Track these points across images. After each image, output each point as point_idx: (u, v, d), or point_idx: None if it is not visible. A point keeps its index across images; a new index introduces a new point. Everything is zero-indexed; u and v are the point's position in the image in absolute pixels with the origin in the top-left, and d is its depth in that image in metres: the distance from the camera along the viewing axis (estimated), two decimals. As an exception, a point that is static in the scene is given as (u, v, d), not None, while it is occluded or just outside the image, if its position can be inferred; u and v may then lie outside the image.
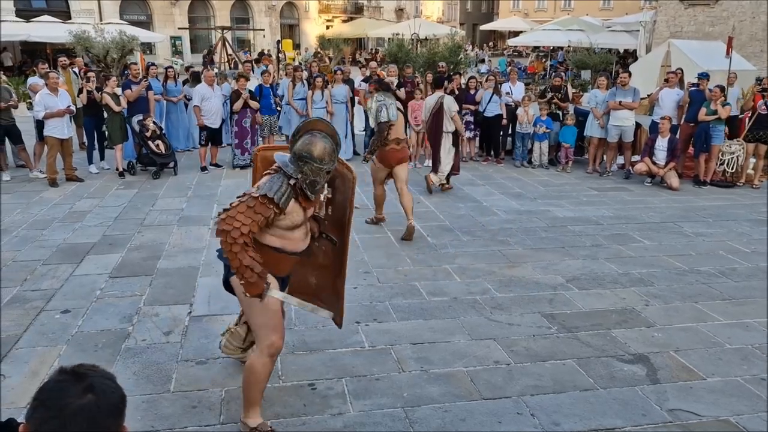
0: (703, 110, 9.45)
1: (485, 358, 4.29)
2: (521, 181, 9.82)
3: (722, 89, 9.68)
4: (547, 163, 10.91)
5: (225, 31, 24.95)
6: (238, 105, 9.97)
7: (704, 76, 10.09)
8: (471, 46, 41.59)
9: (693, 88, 10.20)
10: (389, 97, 7.02)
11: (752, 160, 9.82)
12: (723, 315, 5.03)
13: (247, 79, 10.89)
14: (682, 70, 11.43)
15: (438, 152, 8.91)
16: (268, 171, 3.40)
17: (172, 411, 3.62)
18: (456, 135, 8.90)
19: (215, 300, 5.12)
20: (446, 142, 8.82)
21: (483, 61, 33.30)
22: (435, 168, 9.03)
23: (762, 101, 9.66)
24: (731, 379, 4.06)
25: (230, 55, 24.88)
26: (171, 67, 12.42)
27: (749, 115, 9.91)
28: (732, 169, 9.76)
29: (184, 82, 12.39)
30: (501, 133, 11.50)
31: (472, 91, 11.20)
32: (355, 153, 11.38)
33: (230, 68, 21.55)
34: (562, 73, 12.89)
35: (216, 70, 15.52)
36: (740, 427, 3.54)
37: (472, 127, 11.28)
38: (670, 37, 22.09)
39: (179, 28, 31.25)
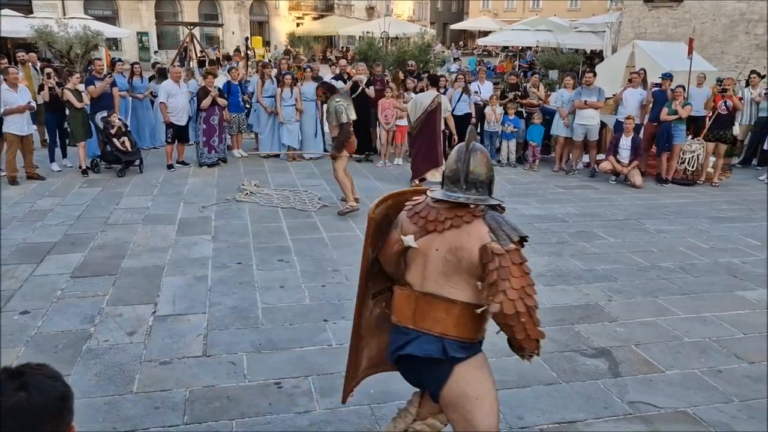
0: (665, 110, 9.66)
1: (451, 354, 4.31)
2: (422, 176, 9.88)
3: (684, 89, 9.91)
4: (515, 162, 11.03)
5: (193, 27, 24.66)
6: (206, 102, 9.85)
7: (667, 77, 10.32)
8: (443, 45, 41.80)
9: (656, 89, 10.42)
10: (345, 98, 7.74)
11: (712, 159, 10.07)
12: (682, 309, 5.16)
13: (215, 76, 10.78)
14: (645, 70, 11.66)
15: (436, 150, 9.11)
16: (458, 213, 2.52)
17: (135, 412, 3.57)
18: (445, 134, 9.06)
19: (180, 300, 5.07)
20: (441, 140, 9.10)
21: (458, 59, 33.53)
22: (426, 167, 9.07)
23: (722, 101, 9.92)
24: (689, 371, 4.17)
25: (202, 52, 24.59)
26: (137, 63, 12.21)
27: (710, 115, 10.16)
28: (693, 167, 10.00)
29: (150, 79, 12.20)
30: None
31: (442, 90, 11.24)
32: (326, 150, 11.33)
33: (199, 65, 21.31)
34: (524, 73, 13.02)
35: (193, 66, 15.34)
36: (697, 418, 3.64)
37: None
38: (635, 38, 22.51)
39: (157, 23, 30.75)
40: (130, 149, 9.47)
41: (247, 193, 8.41)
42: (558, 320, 4.89)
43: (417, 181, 9.08)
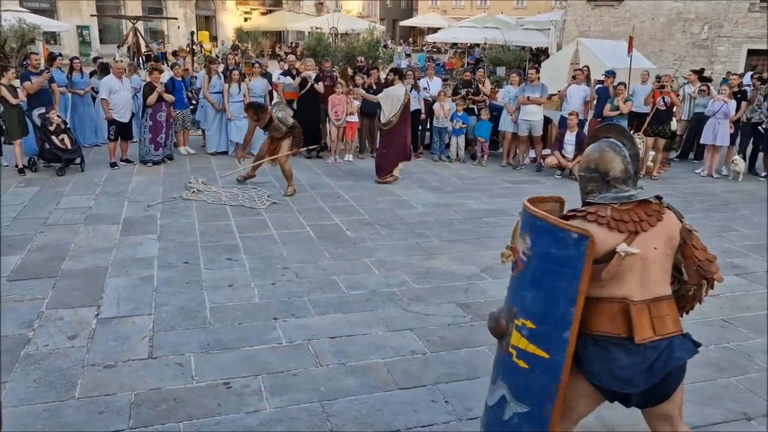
0: (608, 106, 9.95)
1: (402, 348, 4.35)
2: (439, 175, 10.01)
3: (625, 86, 10.23)
4: (464, 157, 11.17)
5: (136, 21, 23.98)
6: (152, 98, 9.59)
7: (610, 74, 10.63)
8: (391, 41, 41.90)
9: (599, 86, 10.72)
10: (283, 107, 8.93)
11: (651, 153, 10.43)
12: (624, 299, 5.33)
13: (161, 72, 10.52)
14: (588, 67, 11.99)
15: (407, 144, 9.46)
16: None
17: (77, 418, 3.46)
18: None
19: (125, 301, 4.93)
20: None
21: (409, 55, 33.68)
22: (399, 157, 9.34)
23: (660, 98, 10.28)
24: (631, 358, 4.31)
25: (148, 46, 23.94)
26: (77, 58, 11.78)
27: (650, 110, 10.51)
28: (634, 161, 10.31)
29: (92, 74, 11.81)
30: (420, 127, 11.68)
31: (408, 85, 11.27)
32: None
33: (143, 60, 20.75)
34: (471, 69, 13.19)
35: (136, 61, 14.90)
36: (638, 403, 3.77)
37: (391, 121, 11.36)
38: (579, 36, 23.11)
39: (92, 15, 29.69)
40: (70, 147, 9.15)
41: (194, 191, 8.25)
42: (506, 312, 4.98)
43: (394, 175, 9.33)
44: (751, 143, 10.88)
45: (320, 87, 10.68)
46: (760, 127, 10.55)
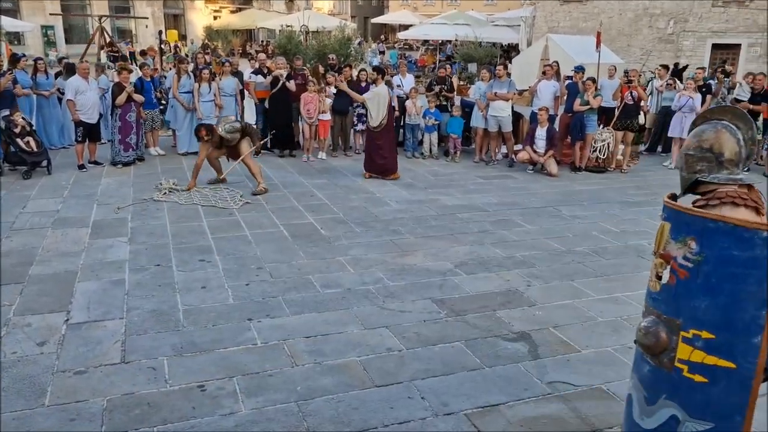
0: (578, 101, 10.07)
1: (378, 346, 4.36)
2: (412, 172, 10.03)
3: (594, 81, 10.36)
4: (437, 154, 11.21)
5: (103, 19, 23.50)
6: (121, 99, 9.43)
7: (579, 69, 10.76)
8: (365, 39, 41.86)
9: (569, 81, 10.85)
10: (224, 120, 8.80)
11: (621, 147, 10.60)
12: (596, 291, 5.41)
13: (130, 72, 10.34)
14: (558, 63, 12.12)
15: (394, 143, 9.61)
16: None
17: (48, 426, 3.39)
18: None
19: (95, 305, 4.85)
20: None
21: (383, 52, 33.68)
22: (392, 166, 9.47)
23: (628, 92, 10.44)
24: (603, 349, 4.39)
25: (114, 46, 23.48)
26: (41, 59, 11.53)
27: (618, 105, 10.68)
28: (603, 155, 10.49)
29: (57, 75, 11.57)
30: (393, 124, 11.69)
31: (363, 84, 11.26)
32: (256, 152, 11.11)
33: (110, 60, 20.34)
34: (447, 65, 13.24)
35: (103, 62, 14.63)
36: (611, 393, 3.84)
37: (365, 119, 11.35)
38: (548, 32, 23.32)
39: (51, 14, 29.02)
40: (35, 149, 8.95)
41: (165, 192, 8.14)
42: (480, 307, 5.02)
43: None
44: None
45: (291, 85, 10.62)
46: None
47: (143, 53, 17.46)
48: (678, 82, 12.58)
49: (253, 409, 3.59)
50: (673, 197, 2.56)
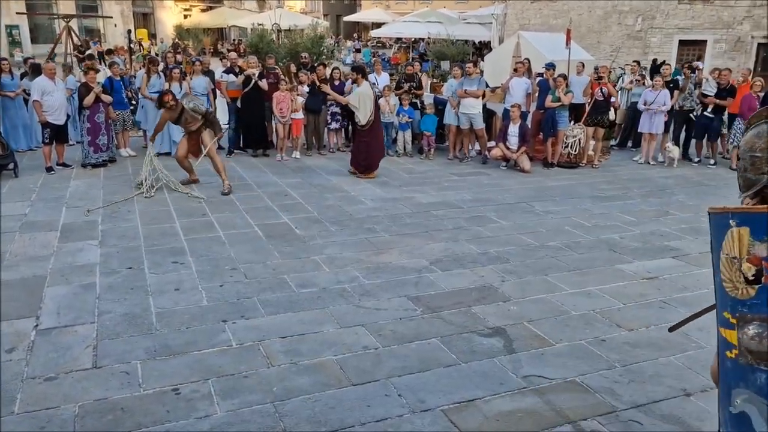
0: (549, 97, 10.18)
1: (354, 344, 4.35)
2: (387, 170, 10.02)
3: (565, 78, 10.48)
4: (411, 152, 11.23)
5: (70, 19, 23.04)
6: (89, 99, 9.26)
7: (550, 66, 10.87)
8: (339, 37, 41.78)
9: (540, 78, 10.95)
10: (192, 98, 8.72)
11: (592, 143, 10.74)
12: (569, 285, 5.48)
13: (97, 71, 10.17)
14: (529, 60, 12.22)
15: (382, 141, 9.58)
16: None
17: (18, 434, 3.32)
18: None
19: (65, 310, 4.76)
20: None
21: (359, 50, 33.66)
22: (379, 158, 9.54)
23: (598, 89, 10.58)
24: (576, 342, 4.45)
25: (79, 45, 23.01)
26: (5, 59, 11.26)
27: (589, 101, 10.81)
28: (575, 151, 10.62)
29: (23, 75, 11.32)
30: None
31: (337, 83, 11.24)
32: (220, 147, 11.01)
33: (78, 60, 19.95)
34: (414, 63, 13.26)
35: (70, 62, 14.33)
36: (585, 386, 3.89)
37: (339, 118, 11.34)
38: (519, 29, 23.53)
39: (18, 13, 28.34)
40: (1, 152, 8.75)
41: (150, 185, 8.23)
42: (456, 303, 5.05)
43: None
44: (684, 130, 11.34)
45: (264, 84, 10.55)
46: (691, 114, 11.02)
47: (110, 52, 17.12)
48: (647, 78, 12.78)
49: (228, 411, 3.56)
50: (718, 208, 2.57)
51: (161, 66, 11.37)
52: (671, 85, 11.09)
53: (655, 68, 14.63)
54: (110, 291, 5.14)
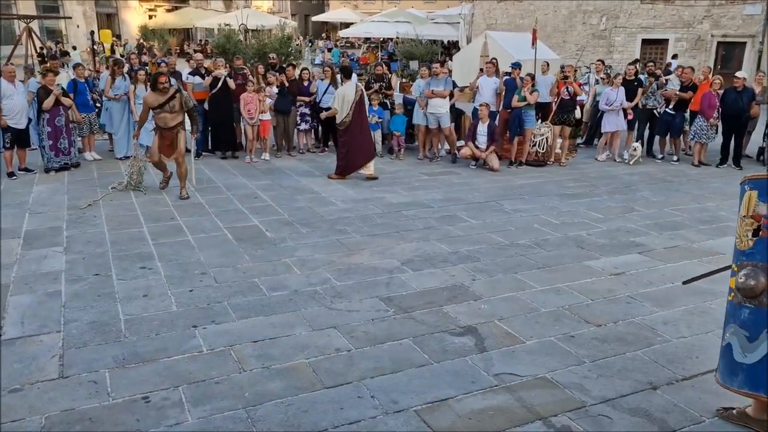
0: (516, 97, 10.30)
1: (326, 347, 4.35)
2: (357, 171, 10.01)
3: (532, 77, 10.61)
4: (381, 152, 11.25)
5: (30, 20, 22.47)
6: (48, 102, 9.06)
7: (516, 66, 11.00)
8: (303, 37, 41.60)
9: (507, 77, 11.07)
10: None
11: (559, 141, 10.90)
12: (538, 282, 5.56)
13: (56, 74, 9.94)
14: (496, 59, 12.34)
15: (369, 142, 9.44)
16: None
17: (-18, 448, 3.24)
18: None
19: (30, 319, 4.66)
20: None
21: (330, 49, 33.60)
22: (367, 156, 9.34)
23: (564, 88, 10.73)
24: (546, 339, 4.51)
25: (41, 48, 22.45)
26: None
27: (555, 100, 10.96)
28: (543, 149, 10.76)
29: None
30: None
31: (306, 83, 11.20)
32: (187, 150, 10.86)
33: (39, 61, 19.47)
34: (382, 63, 13.29)
35: (32, 64, 13.96)
36: (555, 382, 3.95)
37: (308, 119, 11.30)
38: (487, 29, 23.75)
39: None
40: (-40, 158, 8.51)
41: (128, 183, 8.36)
42: (427, 303, 5.08)
43: (369, 174, 9.34)
44: (648, 128, 11.58)
45: (231, 83, 10.46)
46: (655, 111, 11.26)
47: (64, 54, 16.66)
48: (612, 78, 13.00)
49: (200, 418, 3.52)
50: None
51: (126, 68, 11.18)
52: (636, 84, 11.31)
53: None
54: (76, 299, 5.04)
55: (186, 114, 8.24)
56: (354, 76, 9.68)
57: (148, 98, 7.94)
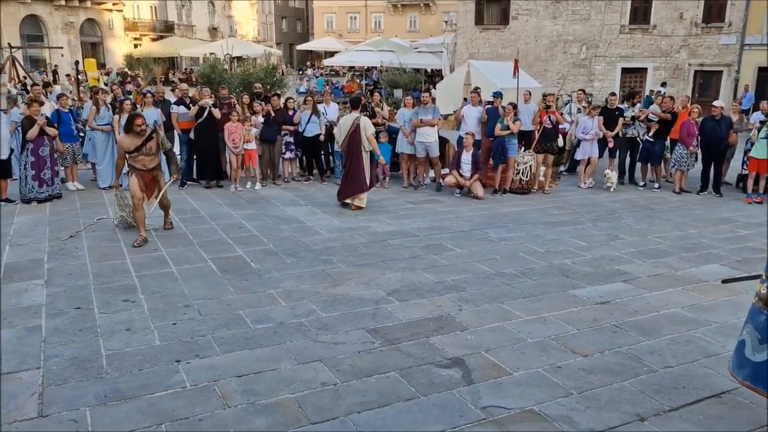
0: (498, 126, 10.42)
1: (312, 381, 4.29)
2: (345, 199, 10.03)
3: (514, 106, 10.76)
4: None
5: (14, 49, 22.47)
6: (32, 133, 9.01)
7: (498, 95, 11.16)
8: (288, 66, 41.99)
9: (489, 106, 11.22)
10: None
11: (542, 169, 11.01)
12: (524, 312, 5.56)
13: (41, 104, 9.91)
14: (480, 88, 12.50)
15: (361, 172, 9.32)
16: None
17: (-44, 493, 3.14)
18: (371, 153, 9.49)
19: (9, 356, 4.55)
20: (366, 160, 9.32)
21: (318, 77, 33.93)
22: (356, 189, 9.33)
23: (546, 117, 10.90)
24: (533, 370, 4.49)
25: (24, 77, 22.43)
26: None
27: (538, 128, 11.11)
28: (526, 177, 10.86)
29: (-37, 108, 10.94)
30: (322, 152, 11.75)
31: (291, 112, 11.26)
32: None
33: (24, 91, 19.42)
34: (370, 92, 13.43)
35: (15, 94, 13.91)
36: (542, 415, 3.93)
37: (293, 147, 11.33)
38: (469, 58, 24.11)
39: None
40: (-61, 189, 8.40)
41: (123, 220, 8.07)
42: (414, 334, 5.05)
43: (356, 204, 9.36)
44: (629, 155, 11.75)
45: (216, 112, 10.48)
46: (638, 138, 11.45)
47: (47, 85, 16.64)
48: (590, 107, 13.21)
49: (183, 456, 3.45)
50: None
51: (109, 98, 11.16)
52: (616, 113, 11.51)
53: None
54: (57, 333, 4.95)
55: (164, 155, 7.84)
56: (359, 108, 9.76)
57: (123, 141, 7.48)
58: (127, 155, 7.45)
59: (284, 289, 6.03)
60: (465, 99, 11.55)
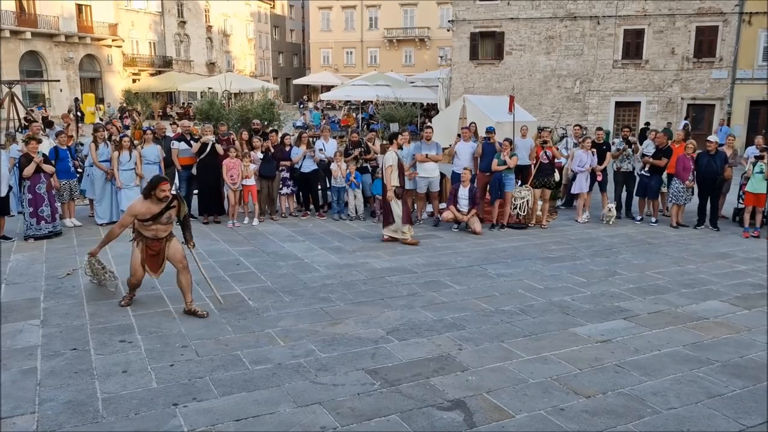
0: (495, 161, 10.49)
1: (311, 425, 4.23)
2: (340, 235, 10.04)
3: (510, 142, 10.85)
4: (363, 214, 11.30)
5: (13, 85, 22.66)
6: (29, 170, 9.03)
7: (491, 130, 11.26)
8: (283, 99, 42.49)
9: (484, 141, 11.31)
10: None
11: (540, 203, 11.06)
12: (525, 351, 5.51)
13: (39, 141, 9.93)
14: (475, 124, 12.63)
15: (386, 209, 9.57)
16: None
17: None
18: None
19: (3, 399, 4.48)
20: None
21: (318, 109, 34.34)
22: (385, 221, 9.58)
23: (542, 152, 10.98)
24: (536, 413, 4.44)
25: (25, 117, 22.53)
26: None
27: (534, 163, 11.19)
28: (524, 212, 10.89)
29: (-39, 145, 10.97)
30: (319, 187, 11.77)
31: (288, 148, 11.32)
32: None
33: (21, 128, 19.51)
34: (366, 126, 13.54)
35: (13, 131, 13.97)
36: (546, 459, 3.86)
37: (290, 183, 11.36)
38: (465, 92, 24.41)
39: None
40: (-64, 226, 8.37)
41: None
42: (414, 375, 5.00)
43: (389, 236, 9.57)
44: (625, 189, 11.83)
45: (220, 148, 10.57)
46: (635, 173, 11.54)
47: (50, 124, 16.75)
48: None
49: (180, 507, 3.37)
50: None
51: (107, 134, 11.18)
52: (604, 148, 11.64)
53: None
54: (52, 376, 4.88)
55: (183, 224, 6.53)
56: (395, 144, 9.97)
57: (137, 208, 6.13)
58: (136, 221, 6.24)
59: (282, 329, 5.98)
60: (459, 135, 11.63)
